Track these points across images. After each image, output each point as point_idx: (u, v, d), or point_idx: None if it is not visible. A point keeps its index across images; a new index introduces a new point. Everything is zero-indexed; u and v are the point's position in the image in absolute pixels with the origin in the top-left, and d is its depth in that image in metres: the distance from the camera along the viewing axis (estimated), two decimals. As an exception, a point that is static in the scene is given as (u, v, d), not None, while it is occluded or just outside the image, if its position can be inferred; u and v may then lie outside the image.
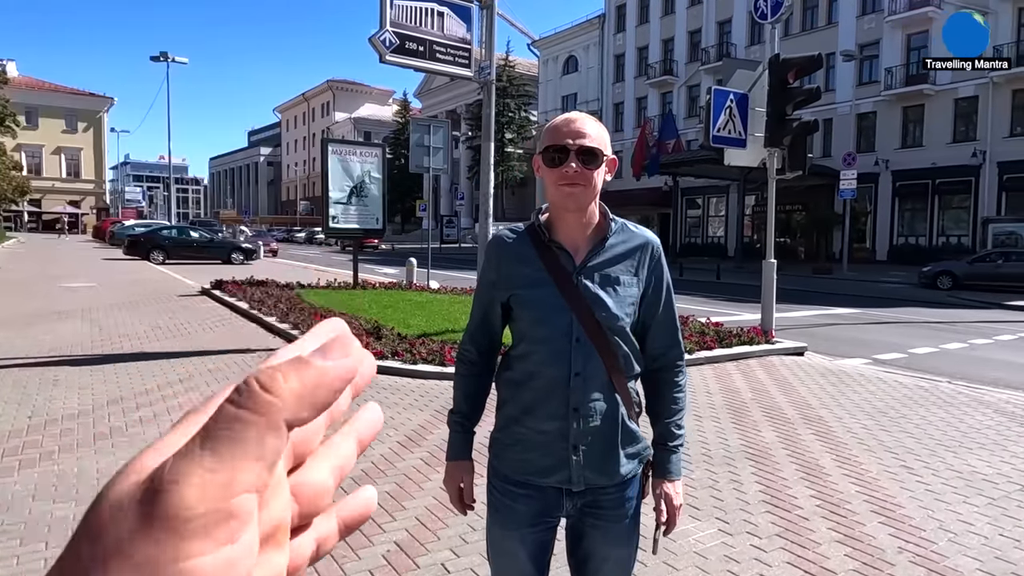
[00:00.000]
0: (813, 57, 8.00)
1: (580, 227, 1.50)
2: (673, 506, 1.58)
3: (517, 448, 1.53)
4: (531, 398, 1.50)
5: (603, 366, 1.48)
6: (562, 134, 1.44)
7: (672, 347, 1.62)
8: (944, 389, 6.61)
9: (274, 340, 8.46)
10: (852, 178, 25.43)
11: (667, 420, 1.61)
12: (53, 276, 17.03)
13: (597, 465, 1.50)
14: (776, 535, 3.31)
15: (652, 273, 1.56)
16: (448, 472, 1.62)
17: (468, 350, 1.62)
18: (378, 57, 7.37)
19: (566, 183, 1.43)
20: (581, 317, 1.46)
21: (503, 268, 1.54)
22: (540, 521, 1.54)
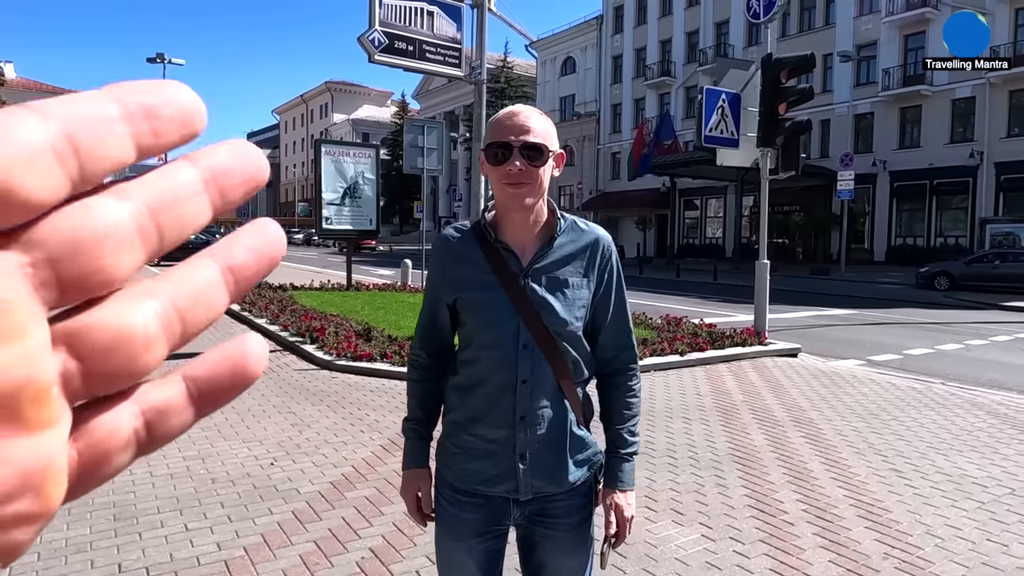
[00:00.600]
0: (805, 57, 7.94)
1: (527, 227, 1.43)
2: (623, 517, 1.50)
3: (464, 457, 1.47)
4: (478, 405, 1.45)
5: (551, 372, 1.42)
6: (505, 129, 1.36)
7: (624, 349, 1.55)
8: (937, 391, 6.55)
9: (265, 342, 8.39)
10: (850, 179, 25.40)
11: (619, 426, 1.54)
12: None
13: (545, 473, 1.44)
14: (760, 541, 3.25)
15: (603, 273, 1.49)
16: (405, 481, 1.55)
17: (418, 355, 1.56)
18: (367, 57, 7.31)
19: (510, 182, 1.36)
20: (528, 322, 1.40)
21: (448, 270, 1.48)
22: (488, 530, 1.49)
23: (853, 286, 20.85)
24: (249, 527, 3.27)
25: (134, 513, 3.40)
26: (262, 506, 3.52)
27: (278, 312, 9.57)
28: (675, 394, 6.16)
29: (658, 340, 7.76)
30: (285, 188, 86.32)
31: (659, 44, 41.16)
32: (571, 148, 48.66)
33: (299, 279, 15.93)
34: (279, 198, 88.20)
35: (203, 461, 4.17)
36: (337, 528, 3.27)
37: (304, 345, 7.58)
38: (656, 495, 3.80)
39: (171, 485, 3.78)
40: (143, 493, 3.66)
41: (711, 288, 20.38)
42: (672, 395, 6.12)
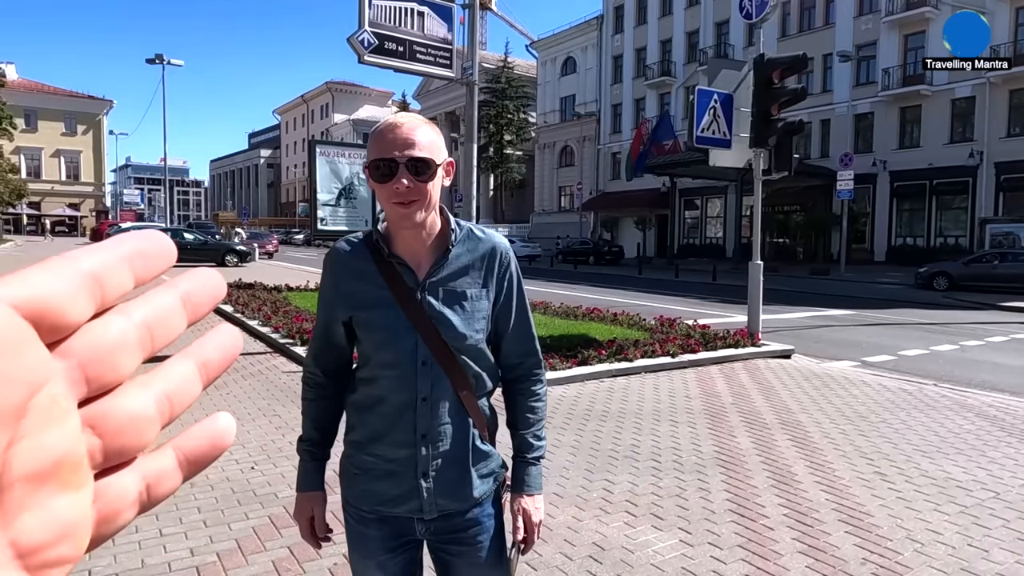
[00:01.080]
0: (797, 57, 7.91)
1: (420, 240, 1.39)
2: (531, 522, 1.48)
3: (364, 478, 1.44)
4: (377, 424, 1.41)
5: (451, 388, 1.39)
6: (387, 143, 1.29)
7: (528, 356, 1.53)
8: (928, 392, 6.52)
9: (255, 344, 8.39)
10: (849, 179, 25.34)
11: (524, 431, 1.51)
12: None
13: (449, 491, 1.41)
14: (738, 546, 3.22)
15: (502, 281, 1.46)
16: (298, 504, 1.51)
17: (313, 372, 1.51)
18: (357, 58, 7.30)
19: (398, 201, 1.30)
20: (426, 338, 1.36)
21: (341, 285, 1.43)
22: (398, 545, 1.46)
23: (852, 286, 20.80)
24: (224, 532, 3.26)
25: (109, 518, 3.38)
26: (239, 511, 3.50)
27: (271, 314, 9.56)
28: (664, 396, 6.13)
29: (649, 341, 7.73)
30: (286, 188, 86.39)
31: (659, 44, 41.13)
32: (571, 148, 48.64)
33: (295, 280, 15.93)
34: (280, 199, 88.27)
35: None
36: (312, 533, 3.25)
37: (294, 347, 7.57)
38: (637, 499, 3.77)
39: (149, 489, 3.76)
40: (120, 497, 3.64)
41: (710, 288, 20.34)
42: (661, 397, 6.09)
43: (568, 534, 3.32)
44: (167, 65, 34.14)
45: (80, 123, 59.53)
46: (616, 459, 4.43)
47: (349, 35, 7.23)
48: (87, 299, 0.22)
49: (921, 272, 20.46)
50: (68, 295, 0.22)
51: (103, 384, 0.23)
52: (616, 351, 7.23)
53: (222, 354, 0.27)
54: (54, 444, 0.22)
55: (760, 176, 8.28)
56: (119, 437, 0.24)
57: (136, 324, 0.24)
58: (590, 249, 35.93)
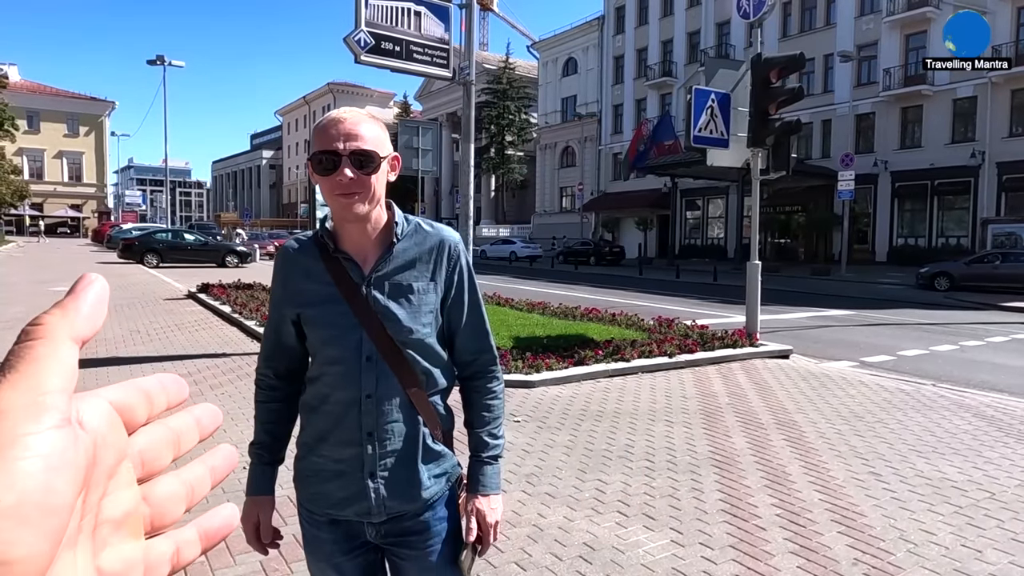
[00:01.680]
0: (795, 56, 7.89)
1: (366, 234, 1.37)
2: (486, 523, 1.45)
3: (314, 480, 1.42)
4: (324, 424, 1.39)
5: (399, 384, 1.37)
6: (330, 136, 1.29)
7: (483, 352, 1.50)
8: (926, 392, 6.49)
9: (252, 344, 8.38)
10: (850, 179, 25.28)
11: (479, 430, 1.49)
12: (42, 280, 17.00)
13: (397, 492, 1.39)
14: (730, 546, 3.20)
15: (452, 275, 1.44)
16: (245, 509, 1.48)
17: (264, 374, 1.50)
18: (353, 58, 7.29)
19: (341, 192, 1.29)
20: (371, 333, 1.35)
21: (289, 284, 1.42)
22: (354, 547, 1.44)
23: (853, 287, 20.75)
24: (213, 532, 3.24)
25: (99, 518, 3.37)
26: (229, 510, 3.49)
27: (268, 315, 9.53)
28: (660, 396, 6.11)
29: (647, 342, 7.71)
30: (288, 189, 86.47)
31: (660, 44, 41.11)
32: (572, 149, 48.62)
33: (295, 281, 15.92)
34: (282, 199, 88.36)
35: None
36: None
37: (291, 347, 7.55)
38: (630, 499, 3.75)
39: (140, 489, 3.75)
40: (111, 497, 3.63)
41: (710, 289, 20.30)
42: (657, 398, 6.07)
43: (559, 534, 3.30)
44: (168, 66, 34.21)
45: (82, 124, 59.67)
46: (610, 459, 4.42)
47: (345, 35, 7.23)
48: (145, 409, 0.33)
49: (922, 272, 20.41)
50: (137, 403, 0.32)
51: (151, 470, 0.33)
52: (613, 351, 7.21)
53: (225, 463, 0.38)
54: (128, 501, 0.31)
55: (758, 176, 8.26)
56: (161, 509, 0.33)
57: (172, 431, 0.35)
58: (591, 250, 35.89)
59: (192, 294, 13.32)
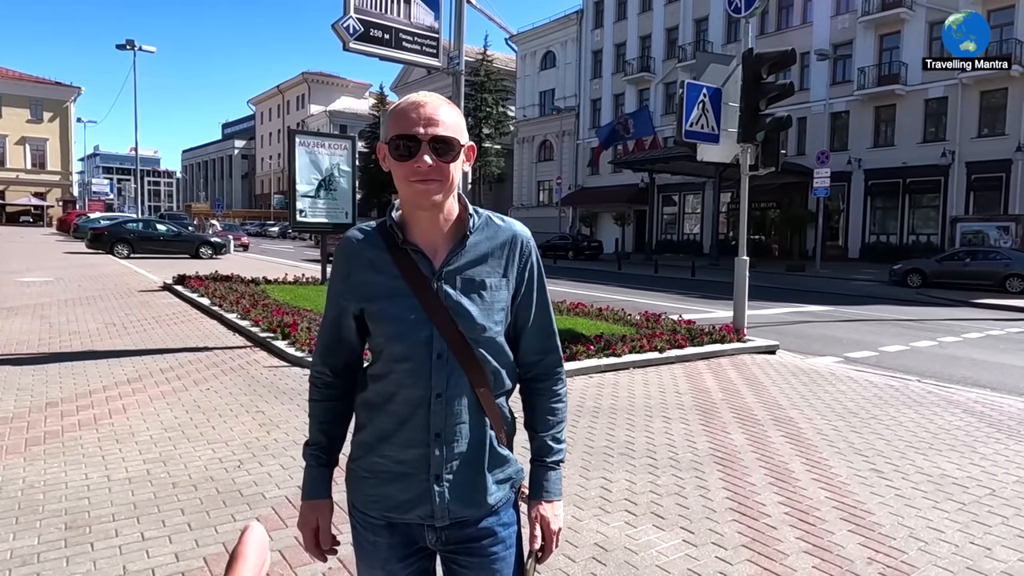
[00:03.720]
0: (787, 52, 7.90)
1: (437, 225, 1.30)
2: (550, 530, 1.38)
3: (373, 481, 1.34)
4: (388, 423, 1.31)
5: (469, 384, 1.29)
6: (411, 121, 1.23)
7: (549, 353, 1.44)
8: (914, 388, 6.55)
9: (234, 337, 8.16)
10: (825, 176, 25.63)
11: (543, 433, 1.42)
12: (8, 271, 16.44)
13: (463, 496, 1.31)
14: (743, 546, 3.16)
15: (523, 271, 1.37)
16: (302, 513, 1.41)
17: (320, 372, 1.41)
18: (342, 45, 7.11)
19: (419, 179, 1.23)
20: (442, 329, 1.27)
21: (353, 276, 1.33)
22: (410, 552, 1.36)
23: (828, 283, 21.06)
24: (210, 535, 3.11)
25: (87, 521, 3.21)
26: (225, 512, 3.35)
27: (249, 307, 9.32)
28: (654, 392, 6.08)
29: (637, 337, 7.68)
30: (261, 180, 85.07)
31: (639, 40, 41.22)
32: (550, 142, 48.55)
33: (272, 272, 15.64)
34: (254, 190, 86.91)
35: (164, 464, 3.98)
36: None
37: (275, 341, 7.37)
38: (636, 498, 3.69)
39: (129, 490, 3.59)
40: (98, 499, 3.46)
41: (689, 284, 20.43)
42: (651, 393, 6.04)
43: (569, 534, 3.23)
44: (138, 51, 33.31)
45: (46, 110, 57.82)
46: (611, 456, 4.36)
47: (334, 21, 7.03)
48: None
49: (895, 269, 20.78)
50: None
51: None
52: (604, 346, 7.16)
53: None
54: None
55: (747, 171, 8.27)
56: None
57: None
58: (569, 244, 35.92)
59: (168, 286, 12.97)
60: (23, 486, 3.61)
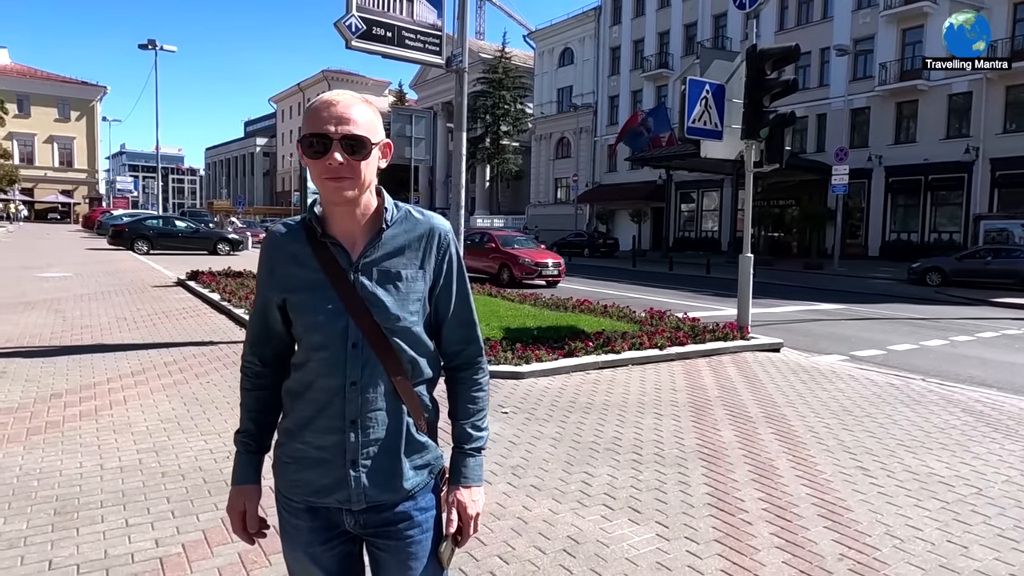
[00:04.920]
0: (790, 48, 7.83)
1: (354, 219, 1.35)
2: (468, 515, 1.42)
3: (294, 467, 1.39)
4: (308, 410, 1.36)
5: (384, 372, 1.34)
6: (322, 120, 1.27)
7: (469, 343, 1.48)
8: (915, 387, 6.48)
9: (240, 332, 8.30)
10: (844, 173, 25.30)
11: (463, 421, 1.47)
12: (30, 266, 16.84)
13: (379, 481, 1.36)
14: (715, 540, 3.17)
15: (441, 264, 1.41)
16: (230, 498, 1.46)
17: (251, 362, 1.47)
18: (344, 43, 7.19)
19: (331, 176, 1.27)
20: (358, 320, 1.32)
21: (276, 269, 1.39)
22: (332, 536, 1.40)
23: (845, 281, 20.80)
24: (191, 523, 3.19)
25: (76, 507, 3.32)
26: (208, 501, 3.44)
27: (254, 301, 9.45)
28: (650, 389, 6.08)
29: (638, 334, 7.68)
30: (281, 178, 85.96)
31: (657, 36, 40.96)
32: (568, 140, 48.45)
33: (286, 269, 15.81)
34: (275, 187, 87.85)
35: (157, 454, 4.09)
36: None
37: (279, 336, 7.48)
38: (616, 492, 3.72)
39: (119, 479, 3.69)
40: (89, 487, 3.57)
41: (703, 282, 20.30)
42: (646, 390, 6.04)
43: (543, 527, 3.27)
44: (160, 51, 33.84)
45: (74, 109, 59.04)
46: (597, 452, 4.38)
47: (336, 19, 7.12)
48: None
49: (914, 267, 20.46)
50: None
51: None
52: (603, 343, 7.17)
53: None
54: None
55: (751, 168, 8.21)
56: None
57: None
58: (585, 241, 35.84)
59: (181, 281, 13.20)
60: (19, 473, 3.73)
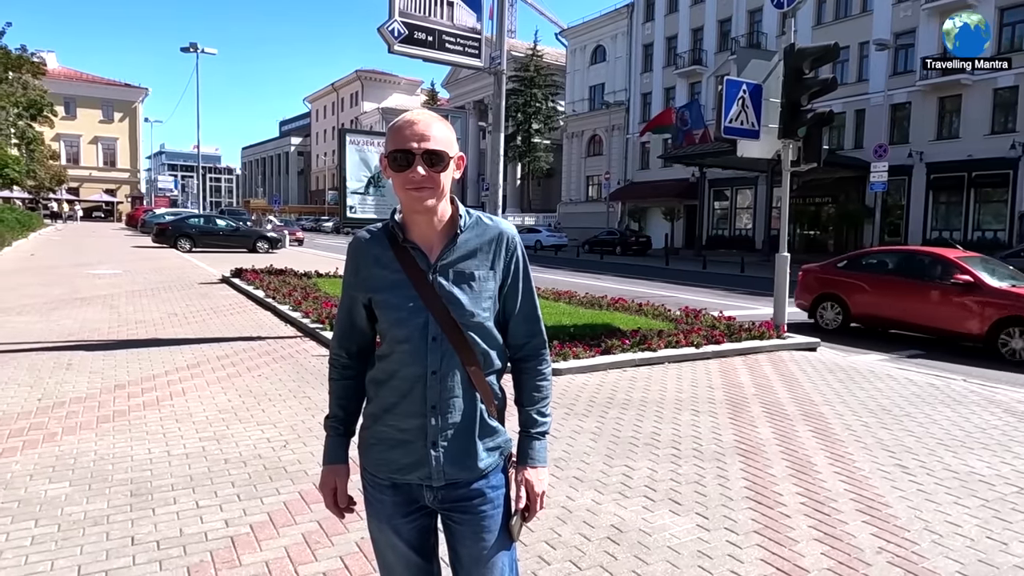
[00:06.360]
0: (828, 47, 7.80)
1: (431, 225, 1.51)
2: (534, 492, 1.58)
3: (379, 447, 1.55)
4: (391, 397, 1.52)
5: (460, 363, 1.50)
6: (405, 137, 1.43)
7: (534, 336, 1.63)
8: (956, 387, 6.45)
9: (286, 328, 8.59)
10: (883, 170, 24.81)
11: (529, 408, 1.63)
12: (81, 263, 17.51)
13: (456, 460, 1.52)
14: (754, 531, 3.27)
15: (509, 265, 1.56)
16: (323, 477, 1.63)
17: (338, 354, 1.64)
18: (387, 48, 7.40)
19: (413, 187, 1.43)
20: (437, 316, 1.47)
21: (361, 271, 1.55)
22: (412, 510, 1.56)
23: (884, 280, 20.40)
24: (256, 506, 3.40)
25: (149, 489, 3.56)
26: (271, 486, 3.65)
27: (300, 299, 9.76)
28: (686, 386, 6.17)
29: (674, 332, 7.75)
30: (316, 176, 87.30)
31: (691, 32, 40.59)
32: (599, 137, 48.32)
33: (324, 267, 16.20)
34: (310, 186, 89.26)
35: (218, 442, 4.33)
36: (340, 509, 3.38)
37: (323, 332, 7.74)
38: (656, 485, 3.84)
39: (186, 464, 3.93)
40: (159, 471, 3.82)
41: (737, 280, 20.16)
42: (683, 387, 6.13)
43: (587, 516, 3.40)
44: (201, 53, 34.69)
45: (117, 111, 60.83)
46: (636, 446, 4.50)
47: (379, 25, 7.33)
48: None
49: (956, 266, 19.98)
50: None
51: None
52: (640, 341, 7.26)
53: None
54: None
55: (788, 168, 8.21)
56: None
57: None
58: (617, 239, 35.76)
59: (226, 279, 13.62)
60: (95, 458, 4.00)
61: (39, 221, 39.03)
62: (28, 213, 35.10)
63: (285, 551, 2.96)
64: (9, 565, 2.78)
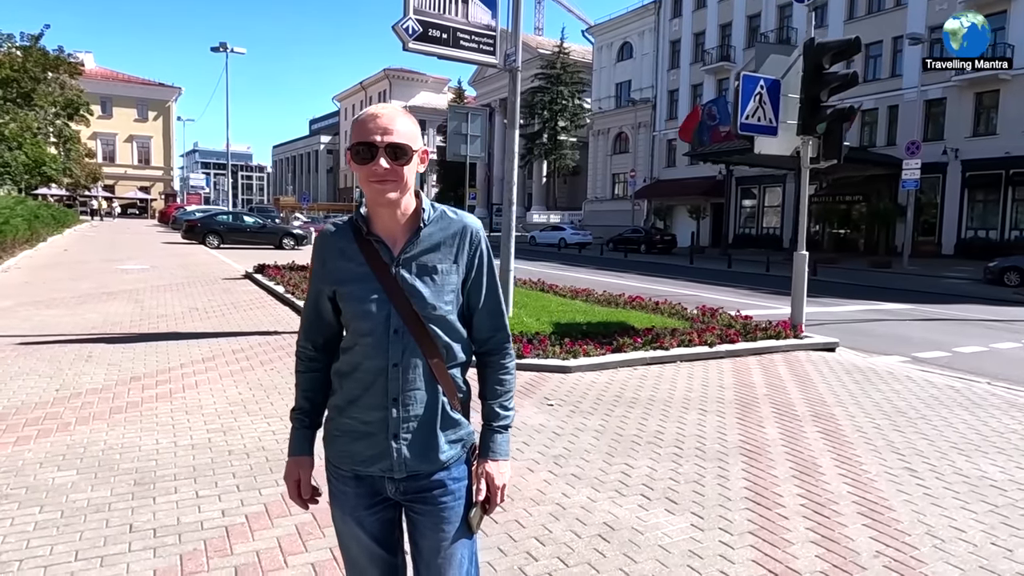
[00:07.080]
0: (850, 41, 7.64)
1: (395, 219, 1.51)
2: (494, 485, 1.58)
3: (343, 439, 1.56)
4: (355, 389, 1.53)
5: (422, 356, 1.50)
6: (368, 130, 1.44)
7: (497, 331, 1.63)
8: (977, 390, 6.27)
9: (302, 323, 8.69)
10: (916, 168, 24.25)
11: (491, 401, 1.62)
12: (112, 259, 17.95)
13: (417, 452, 1.52)
14: (749, 532, 3.23)
15: (472, 259, 1.56)
16: (287, 468, 1.65)
17: (304, 346, 1.65)
18: (401, 45, 7.44)
19: (376, 180, 1.44)
20: (399, 308, 1.48)
21: (328, 263, 1.56)
22: (375, 503, 1.57)
23: (915, 280, 19.99)
24: (254, 497, 3.46)
25: (153, 479, 3.64)
26: (270, 478, 3.71)
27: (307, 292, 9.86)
28: (696, 385, 6.10)
29: (687, 331, 7.67)
30: (344, 174, 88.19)
31: (719, 28, 40.10)
32: (626, 135, 48.00)
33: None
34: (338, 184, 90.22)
35: (224, 434, 4.41)
36: (335, 501, 3.42)
37: (338, 327, 7.82)
38: (654, 484, 3.81)
39: (191, 455, 4.01)
40: (164, 461, 3.90)
41: (761, 280, 19.87)
42: (693, 386, 6.06)
43: (580, 513, 3.39)
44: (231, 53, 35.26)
45: (151, 109, 62.22)
46: (638, 444, 4.47)
47: (394, 23, 7.37)
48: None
49: (991, 266, 19.49)
50: None
51: None
52: (652, 339, 7.20)
53: None
54: None
55: (807, 164, 8.07)
56: None
57: None
58: (641, 237, 35.50)
59: (249, 274, 13.85)
60: (104, 447, 4.10)
61: (75, 218, 40.10)
62: (64, 210, 36.06)
63: (277, 541, 3.00)
64: (11, 549, 2.86)
